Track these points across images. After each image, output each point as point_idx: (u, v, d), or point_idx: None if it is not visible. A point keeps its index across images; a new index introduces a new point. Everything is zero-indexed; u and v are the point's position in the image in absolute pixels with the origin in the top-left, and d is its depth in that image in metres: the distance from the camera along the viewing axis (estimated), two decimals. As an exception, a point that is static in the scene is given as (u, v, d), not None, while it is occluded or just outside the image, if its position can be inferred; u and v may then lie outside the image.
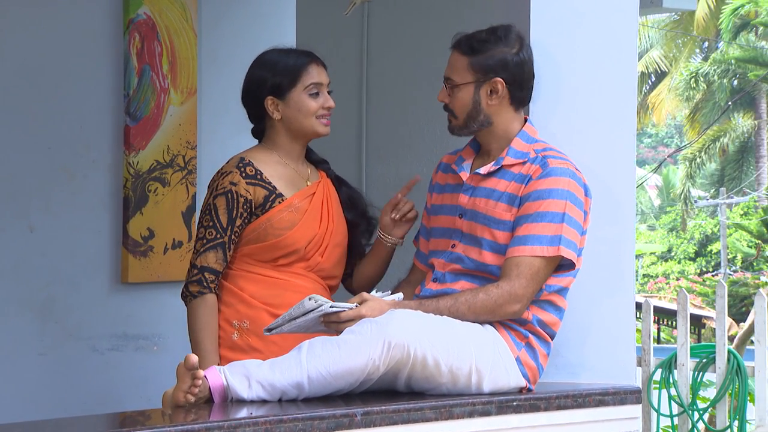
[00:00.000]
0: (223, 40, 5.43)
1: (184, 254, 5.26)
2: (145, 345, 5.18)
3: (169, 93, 5.23)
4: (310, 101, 3.62)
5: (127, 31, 5.13)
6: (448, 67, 3.48)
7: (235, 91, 5.42)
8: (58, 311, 4.96)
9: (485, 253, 3.40)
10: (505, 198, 3.40)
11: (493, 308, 3.32)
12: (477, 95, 3.44)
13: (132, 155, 5.14)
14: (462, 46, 3.45)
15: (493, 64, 3.42)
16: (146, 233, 5.17)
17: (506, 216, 3.38)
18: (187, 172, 5.29)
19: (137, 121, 5.15)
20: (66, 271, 4.98)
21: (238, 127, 5.44)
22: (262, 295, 3.61)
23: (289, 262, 3.62)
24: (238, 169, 3.60)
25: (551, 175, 3.35)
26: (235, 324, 3.58)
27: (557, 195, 3.33)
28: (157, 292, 5.21)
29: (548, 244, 3.31)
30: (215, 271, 3.57)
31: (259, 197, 3.58)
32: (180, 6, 5.26)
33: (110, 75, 5.10)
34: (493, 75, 3.42)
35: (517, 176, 3.40)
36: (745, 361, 6.51)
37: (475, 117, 3.45)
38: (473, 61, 3.43)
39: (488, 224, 3.41)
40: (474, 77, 3.43)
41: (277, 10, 5.61)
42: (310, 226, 3.63)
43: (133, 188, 5.13)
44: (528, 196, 3.35)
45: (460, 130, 3.50)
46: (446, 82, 3.48)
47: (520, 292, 3.30)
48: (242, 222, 3.58)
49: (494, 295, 3.31)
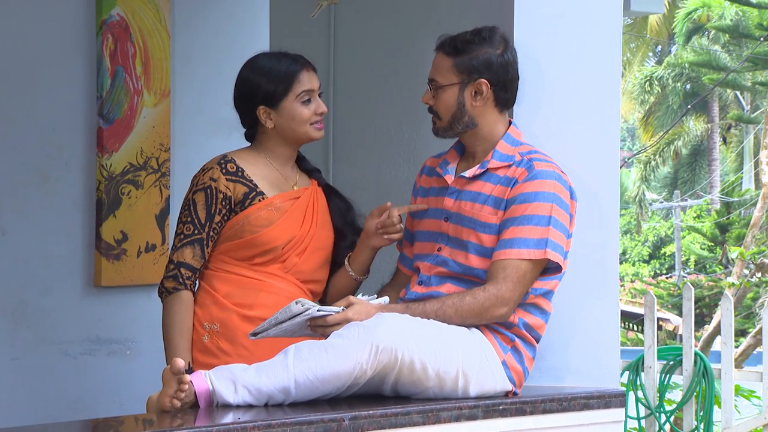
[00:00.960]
0: (197, 42, 5.40)
1: (158, 258, 5.22)
2: (118, 349, 5.13)
3: (143, 95, 5.19)
4: (302, 109, 3.61)
5: (100, 32, 5.08)
6: (432, 68, 3.47)
7: (209, 92, 5.44)
8: (30, 316, 4.91)
9: (471, 256, 3.39)
10: (491, 201, 3.39)
11: (480, 311, 3.31)
12: (461, 96, 3.42)
13: (105, 157, 5.09)
14: (446, 47, 3.45)
15: (477, 64, 3.41)
16: (119, 236, 5.12)
17: (492, 219, 3.38)
18: (161, 174, 5.25)
19: (110, 123, 5.10)
20: (38, 275, 4.93)
21: (212, 129, 5.44)
22: (234, 296, 3.58)
23: (265, 261, 3.60)
24: (219, 166, 3.60)
25: (537, 177, 3.35)
26: (206, 326, 3.57)
27: (543, 198, 3.32)
28: (131, 296, 5.16)
29: (534, 247, 3.30)
30: (192, 268, 3.56)
31: (238, 194, 3.57)
32: (153, 7, 5.22)
33: (83, 76, 5.05)
34: (478, 76, 3.42)
35: (503, 179, 3.39)
36: (711, 364, 6.56)
37: (459, 118, 3.44)
38: (457, 61, 3.42)
39: (474, 228, 3.40)
40: (458, 78, 3.42)
41: (250, 11, 5.58)
42: (289, 226, 3.61)
43: (107, 191, 5.09)
44: (514, 200, 3.34)
45: (444, 132, 3.49)
46: (430, 84, 3.47)
47: (506, 295, 3.30)
48: (221, 219, 3.57)
49: (481, 299, 3.30)
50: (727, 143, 28.78)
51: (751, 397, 7.36)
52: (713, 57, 25.20)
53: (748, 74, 23.00)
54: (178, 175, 5.28)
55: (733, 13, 22.94)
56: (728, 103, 28.55)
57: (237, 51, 5.53)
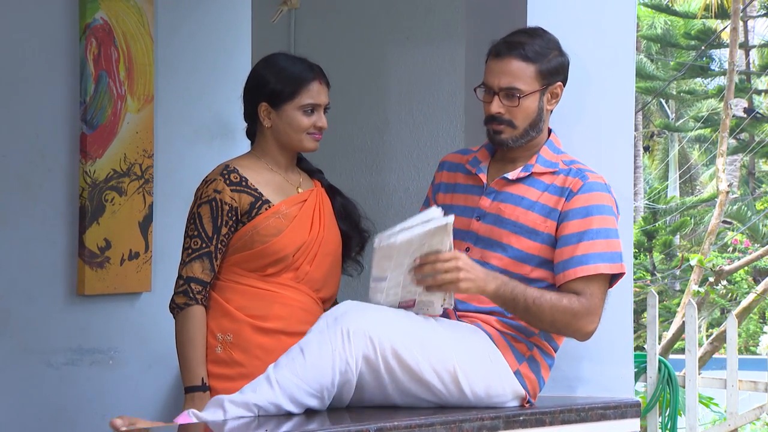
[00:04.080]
0: (180, 47, 5.34)
1: (141, 265, 5.15)
2: (100, 359, 5.05)
3: (126, 100, 5.11)
4: (302, 118, 3.56)
5: (84, 37, 5.00)
6: (504, 76, 3.33)
7: (192, 98, 5.38)
8: (12, 325, 4.81)
9: (507, 260, 3.34)
10: (538, 208, 3.34)
11: (572, 318, 3.26)
12: (541, 102, 3.37)
13: (88, 164, 5.00)
14: (524, 53, 3.34)
15: (555, 67, 3.37)
16: (103, 244, 5.03)
17: (541, 227, 3.33)
18: (144, 181, 5.17)
19: (94, 128, 5.02)
20: (21, 283, 4.83)
21: (195, 136, 5.38)
22: (248, 307, 3.52)
23: (277, 271, 3.54)
24: (223, 177, 3.53)
25: (594, 190, 3.32)
26: (219, 337, 3.51)
27: (605, 211, 3.31)
28: (114, 305, 5.08)
29: (610, 261, 3.28)
30: (202, 282, 3.49)
31: (244, 204, 3.51)
32: (137, 11, 5.14)
33: (66, 81, 4.96)
34: (556, 79, 3.39)
35: (551, 187, 3.35)
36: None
37: (536, 124, 3.38)
38: (540, 67, 3.34)
39: (516, 231, 3.34)
40: (541, 84, 3.35)
41: (233, 17, 5.54)
42: (298, 233, 3.56)
43: (90, 198, 5.00)
44: (574, 212, 3.30)
45: (515, 141, 3.38)
46: (508, 92, 3.34)
47: (597, 311, 3.28)
48: (228, 230, 3.51)
49: (577, 306, 3.26)
50: (651, 151, 29.17)
51: (711, 404, 7.43)
52: (640, 66, 25.53)
53: (673, 83, 23.34)
54: (161, 182, 5.22)
55: (662, 22, 23.26)
56: (652, 112, 28.95)
57: (219, 57, 5.50)
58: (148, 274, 5.16)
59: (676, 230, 22.80)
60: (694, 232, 22.90)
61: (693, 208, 23.09)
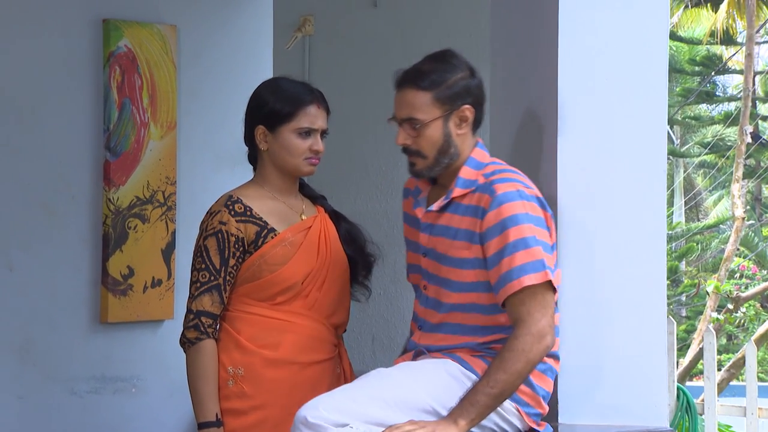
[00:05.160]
0: (203, 74, 5.34)
1: (164, 293, 5.13)
2: (123, 387, 5.03)
3: (149, 127, 5.11)
4: (298, 141, 3.51)
5: (108, 64, 5.00)
6: (404, 107, 3.26)
7: (215, 125, 5.37)
8: (36, 353, 4.80)
9: (455, 294, 3.24)
10: (461, 235, 3.24)
11: (527, 357, 3.12)
12: (447, 128, 3.25)
13: (112, 191, 5.00)
14: (419, 82, 3.25)
15: (458, 91, 3.25)
16: (126, 271, 5.02)
17: (466, 254, 3.22)
18: (167, 208, 5.16)
19: (117, 156, 5.02)
20: (45, 311, 4.82)
21: (218, 163, 5.37)
22: (259, 338, 3.48)
23: (287, 299, 3.51)
24: (227, 208, 3.49)
25: (502, 202, 3.17)
26: (231, 371, 3.46)
27: (519, 220, 3.15)
28: (136, 333, 5.07)
29: (533, 271, 3.13)
30: (212, 315, 3.45)
31: (250, 234, 3.47)
32: (160, 38, 5.15)
33: (90, 109, 4.96)
34: (461, 103, 3.26)
35: (469, 209, 3.24)
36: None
37: (446, 151, 3.25)
38: (438, 94, 3.24)
39: (452, 265, 3.25)
40: (442, 110, 3.24)
41: (255, 44, 5.55)
42: (305, 260, 3.52)
43: (113, 225, 4.99)
44: (490, 231, 3.17)
45: (429, 171, 3.28)
46: (406, 123, 3.26)
47: (538, 327, 3.12)
48: (236, 261, 3.47)
49: (518, 347, 3.12)
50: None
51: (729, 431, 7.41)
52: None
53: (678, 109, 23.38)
54: (184, 209, 5.21)
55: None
56: (657, 138, 28.92)
57: (241, 83, 5.48)
58: (170, 301, 5.14)
59: (682, 256, 22.79)
60: (700, 258, 22.88)
61: (699, 234, 23.09)
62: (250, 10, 5.53)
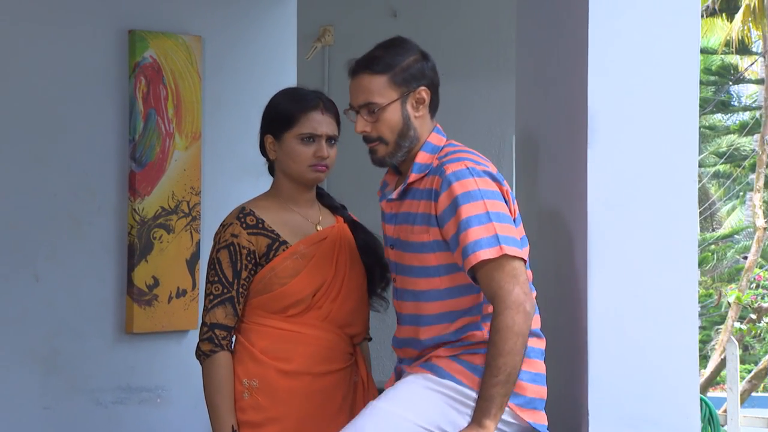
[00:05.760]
0: (227, 84, 5.35)
1: (188, 303, 5.14)
2: (148, 398, 5.03)
3: (174, 138, 5.12)
4: (301, 148, 3.49)
5: (133, 75, 5.01)
6: (359, 93, 3.26)
7: (239, 135, 5.38)
8: (62, 363, 4.80)
9: (417, 280, 3.23)
10: (419, 219, 3.22)
11: (516, 332, 3.06)
12: (405, 110, 3.25)
13: (137, 201, 5.00)
14: (373, 66, 3.24)
15: (413, 73, 3.25)
16: (151, 282, 5.03)
17: (425, 237, 3.20)
18: (192, 218, 5.17)
19: (142, 166, 5.03)
20: (71, 322, 4.83)
21: (242, 172, 5.37)
22: (272, 350, 3.47)
23: (299, 312, 3.49)
24: (239, 220, 3.50)
25: (452, 181, 3.15)
26: (246, 383, 3.46)
27: (470, 197, 3.13)
28: (161, 343, 5.07)
29: (488, 246, 3.10)
30: (226, 327, 3.45)
31: (261, 246, 3.46)
32: (185, 49, 5.16)
33: (116, 119, 4.97)
34: (417, 84, 3.25)
35: (424, 192, 3.22)
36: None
37: (406, 134, 3.24)
38: (393, 76, 3.24)
39: (413, 250, 3.23)
40: (399, 92, 3.23)
41: (279, 54, 5.56)
42: (317, 273, 3.50)
43: (138, 235, 5.00)
44: (445, 213, 3.16)
45: (391, 156, 3.26)
46: (363, 109, 3.25)
47: (513, 296, 3.07)
48: (248, 274, 3.46)
49: (502, 323, 3.06)
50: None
51: (751, 442, 7.37)
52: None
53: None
54: (208, 219, 5.21)
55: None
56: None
57: (265, 93, 5.47)
58: (195, 311, 5.15)
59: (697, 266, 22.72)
60: (715, 269, 22.82)
61: (713, 244, 23.04)
62: (274, 20, 5.54)
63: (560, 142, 3.89)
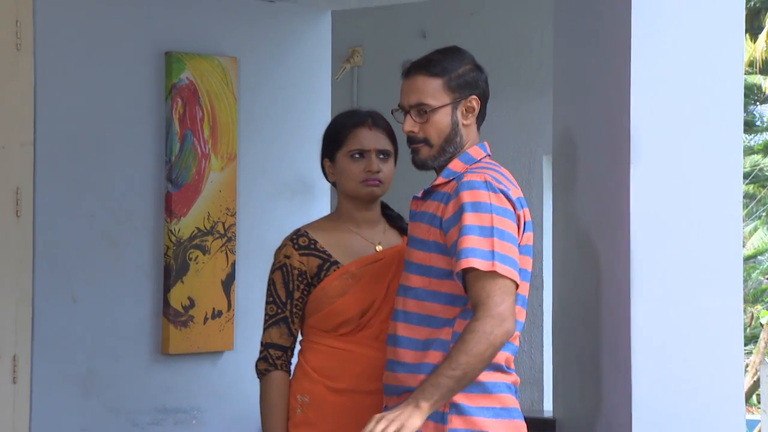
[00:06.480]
0: (262, 105, 5.37)
1: (224, 324, 5.15)
2: (184, 419, 5.03)
3: (210, 159, 5.14)
4: (351, 164, 3.52)
5: (170, 96, 5.04)
6: (412, 93, 3.24)
7: (274, 156, 5.40)
8: (99, 385, 4.82)
9: (412, 277, 3.22)
10: (427, 218, 3.23)
11: (489, 339, 3.00)
12: (455, 116, 3.26)
13: (173, 222, 5.02)
14: (430, 68, 3.24)
15: (467, 81, 3.27)
16: (187, 303, 5.04)
17: (426, 235, 3.20)
18: (227, 239, 5.18)
19: (178, 187, 5.04)
20: (108, 343, 4.85)
21: (276, 193, 5.40)
22: (323, 368, 3.51)
23: (350, 331, 3.51)
24: (291, 241, 3.55)
25: (464, 188, 3.14)
26: (299, 399, 3.50)
27: (479, 207, 3.12)
28: (196, 364, 5.09)
29: (482, 257, 3.07)
30: (281, 347, 3.51)
31: (312, 267, 3.51)
32: (221, 70, 5.18)
33: (152, 141, 5.00)
34: (469, 93, 3.27)
35: (441, 195, 3.23)
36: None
37: (452, 139, 3.25)
38: (448, 81, 3.24)
39: (413, 246, 3.25)
40: (451, 98, 3.24)
41: (314, 75, 5.59)
42: (366, 293, 3.51)
43: (174, 256, 5.01)
44: (450, 220, 3.15)
45: (434, 160, 3.26)
46: (413, 110, 3.24)
47: (500, 309, 3.02)
48: (301, 294, 3.52)
49: (480, 328, 3.00)
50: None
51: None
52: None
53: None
54: (243, 240, 5.24)
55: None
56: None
57: (300, 115, 5.52)
58: (230, 333, 5.16)
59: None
60: (739, 289, 22.69)
61: (737, 265, 22.89)
62: (309, 41, 5.56)
63: (601, 159, 3.87)
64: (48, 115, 4.73)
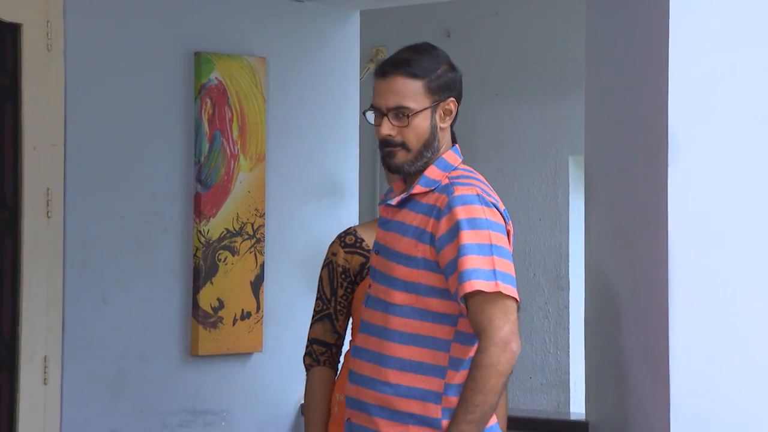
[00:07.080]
0: (291, 106, 5.35)
1: (253, 325, 5.13)
2: (213, 421, 5.02)
3: (239, 159, 5.12)
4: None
5: (199, 97, 5.02)
6: (391, 95, 3.06)
7: (303, 156, 5.39)
8: (129, 386, 4.81)
9: (395, 293, 3.08)
10: (411, 232, 3.09)
11: (498, 370, 2.92)
12: (434, 120, 3.11)
13: (202, 223, 5.00)
14: (410, 69, 3.08)
15: (446, 82, 3.12)
16: (216, 304, 5.03)
17: (413, 251, 3.07)
18: (256, 240, 5.16)
19: (208, 188, 5.03)
20: (137, 344, 4.84)
21: (305, 194, 5.38)
22: None
23: None
24: (339, 239, 3.59)
25: (457, 204, 3.02)
26: (338, 397, 3.52)
27: (476, 224, 3.01)
28: (225, 365, 5.07)
29: (485, 278, 2.97)
30: (325, 343, 3.54)
31: (355, 265, 3.53)
32: (250, 71, 5.16)
33: (182, 141, 4.99)
34: (447, 95, 3.13)
35: (425, 207, 3.09)
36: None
37: (430, 144, 3.11)
38: (428, 82, 3.08)
39: (396, 260, 3.10)
40: (431, 100, 3.09)
41: (343, 76, 5.57)
42: None
43: (204, 257, 5.00)
44: (447, 236, 3.03)
45: (411, 165, 3.12)
46: (392, 113, 3.07)
47: (501, 334, 2.93)
48: (345, 291, 3.54)
49: (486, 361, 2.93)
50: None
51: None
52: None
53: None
54: (272, 241, 5.22)
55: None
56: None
57: (329, 116, 5.51)
58: (259, 334, 5.15)
59: None
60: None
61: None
62: (338, 42, 5.55)
63: (637, 159, 3.83)
64: (78, 116, 4.72)
